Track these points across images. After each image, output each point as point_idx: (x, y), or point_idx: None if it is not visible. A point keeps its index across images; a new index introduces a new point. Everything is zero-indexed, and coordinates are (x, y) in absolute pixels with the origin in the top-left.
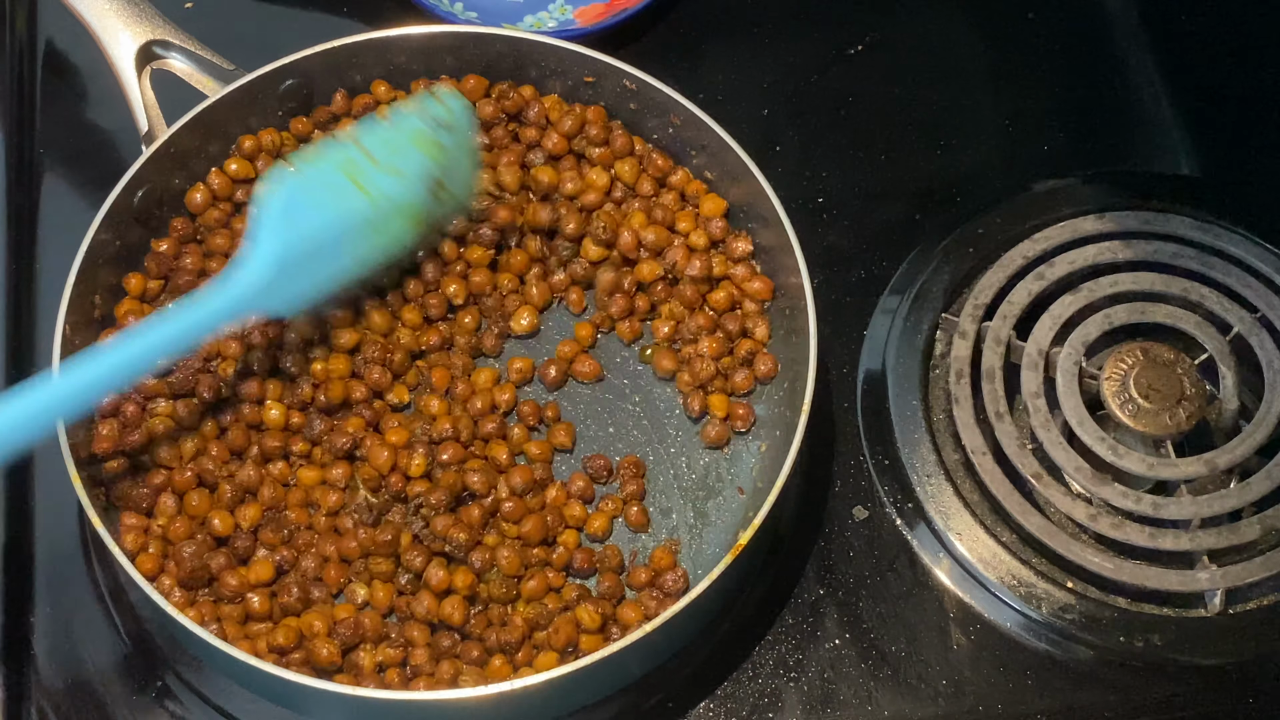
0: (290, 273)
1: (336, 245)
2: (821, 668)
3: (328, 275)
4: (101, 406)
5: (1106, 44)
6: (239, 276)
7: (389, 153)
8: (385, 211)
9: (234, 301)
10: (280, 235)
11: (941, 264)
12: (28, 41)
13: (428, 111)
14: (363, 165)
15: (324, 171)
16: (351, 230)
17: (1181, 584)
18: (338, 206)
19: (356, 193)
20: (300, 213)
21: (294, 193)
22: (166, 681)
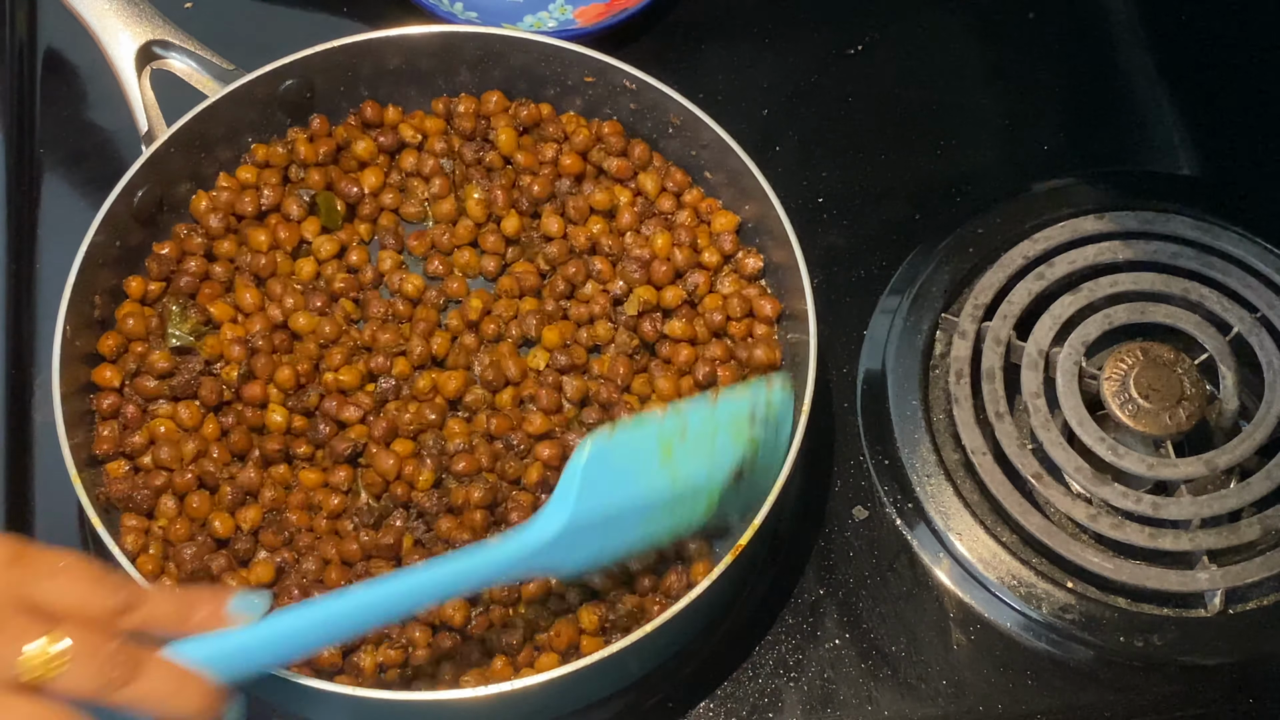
0: (579, 536)
1: (629, 517)
2: (821, 668)
3: (615, 545)
4: (102, 409)
5: (1106, 44)
6: (530, 532)
7: (705, 435)
8: (683, 492)
9: (518, 556)
10: (580, 497)
11: (941, 264)
12: (28, 41)
13: (753, 401)
14: (677, 442)
15: (639, 441)
16: (648, 505)
17: (1181, 584)
18: (642, 480)
19: (663, 470)
20: (604, 477)
21: (604, 455)
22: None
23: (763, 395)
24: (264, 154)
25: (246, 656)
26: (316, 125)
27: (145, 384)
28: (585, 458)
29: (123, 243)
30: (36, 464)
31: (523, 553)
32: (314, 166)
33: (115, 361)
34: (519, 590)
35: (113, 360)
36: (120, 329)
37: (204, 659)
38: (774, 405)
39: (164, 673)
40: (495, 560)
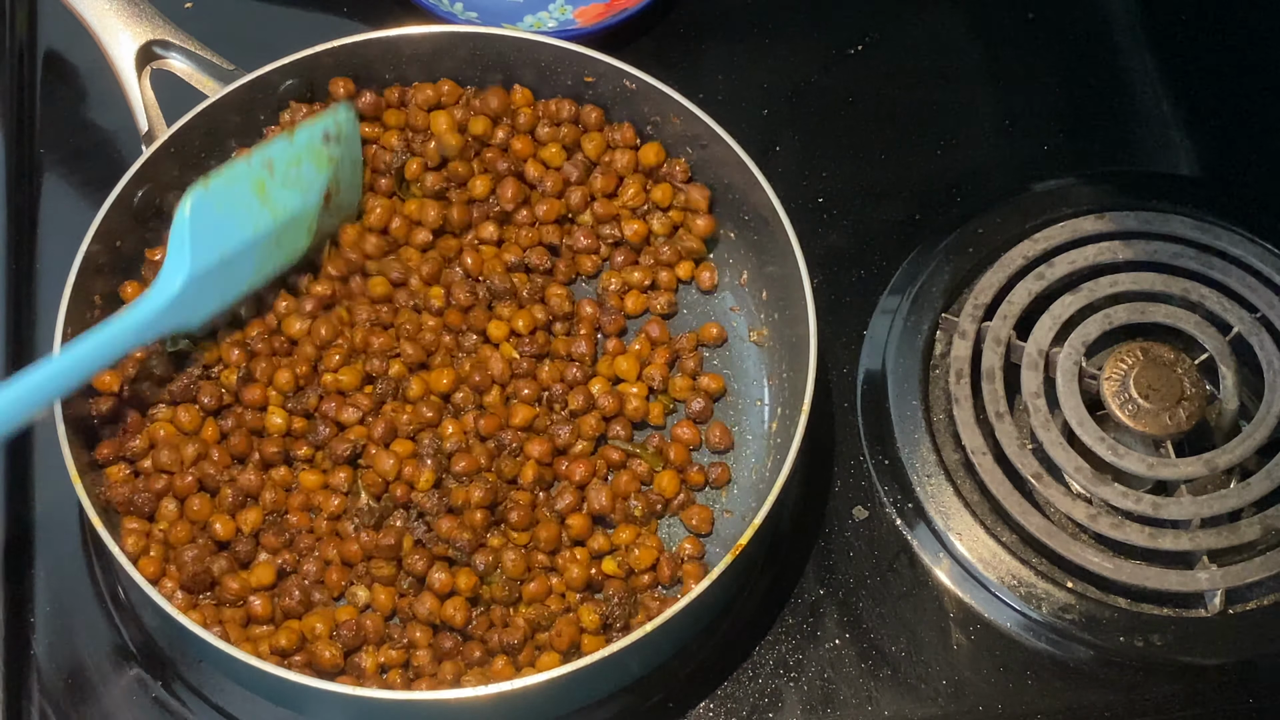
0: (200, 289)
1: (244, 259)
2: (821, 668)
3: (233, 287)
4: (102, 413)
5: (1106, 44)
6: (153, 297)
7: (290, 166)
8: (285, 224)
9: (145, 321)
10: (193, 254)
11: (941, 264)
12: (28, 41)
13: (324, 126)
14: (267, 178)
15: (233, 186)
16: (257, 244)
17: (1181, 584)
18: (245, 221)
19: (263, 209)
20: (211, 228)
21: (205, 208)
22: (167, 682)
23: (331, 118)
24: None
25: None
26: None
27: (144, 388)
28: (188, 212)
29: (123, 243)
30: (37, 465)
31: (152, 314)
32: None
33: (115, 365)
34: (520, 590)
35: (111, 365)
36: None
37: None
38: (343, 124)
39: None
40: (129, 326)
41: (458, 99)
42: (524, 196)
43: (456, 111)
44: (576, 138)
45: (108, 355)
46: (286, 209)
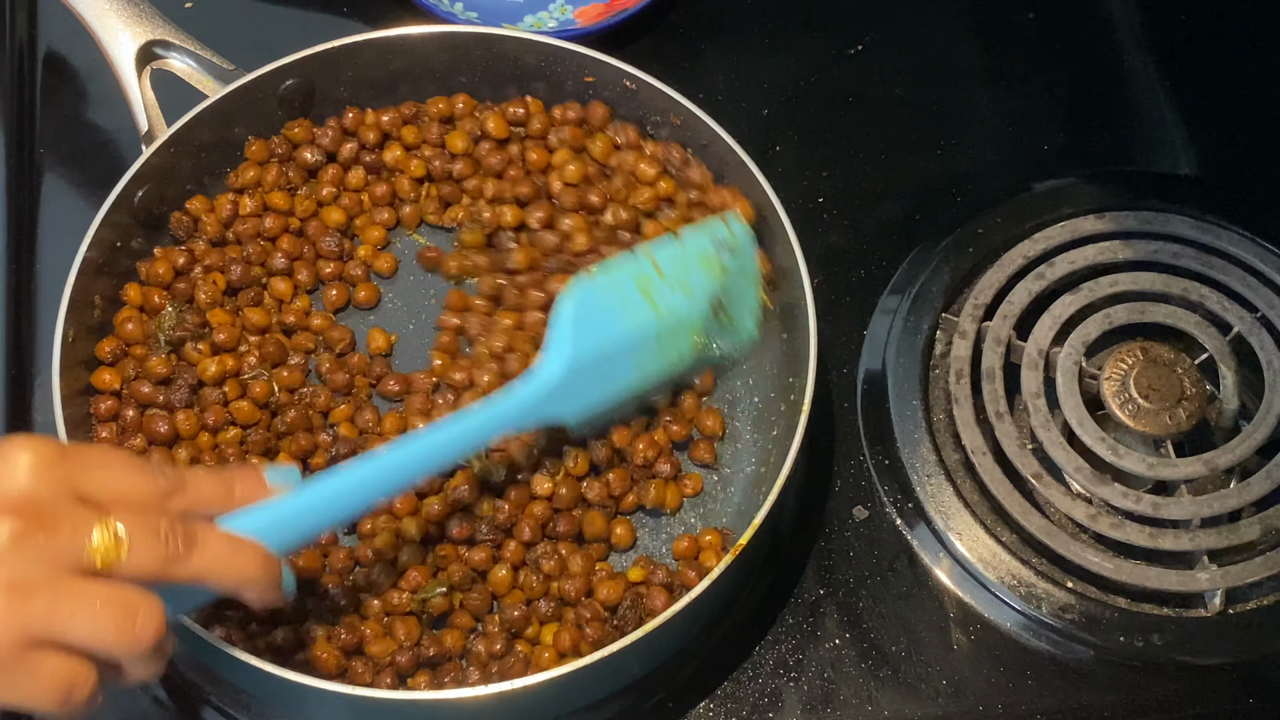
0: (579, 382)
1: (624, 357)
2: (821, 668)
3: (613, 387)
4: (100, 412)
5: (1106, 44)
6: (533, 382)
7: (677, 269)
8: (671, 327)
9: (523, 407)
10: (574, 342)
11: (941, 264)
12: (28, 41)
13: (715, 233)
14: (653, 279)
15: (618, 282)
16: (639, 343)
17: (1181, 584)
18: (629, 318)
19: (646, 306)
20: (594, 321)
21: (589, 299)
22: (166, 682)
23: (721, 227)
24: (260, 149)
25: (291, 523)
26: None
27: (142, 389)
28: (574, 302)
29: (123, 243)
30: None
31: (529, 402)
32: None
33: (114, 365)
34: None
35: (111, 364)
36: (119, 334)
37: (253, 529)
38: (735, 234)
39: (220, 542)
40: (504, 412)
41: (472, 110)
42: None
43: (467, 123)
44: (582, 141)
45: (479, 439)
46: (671, 311)
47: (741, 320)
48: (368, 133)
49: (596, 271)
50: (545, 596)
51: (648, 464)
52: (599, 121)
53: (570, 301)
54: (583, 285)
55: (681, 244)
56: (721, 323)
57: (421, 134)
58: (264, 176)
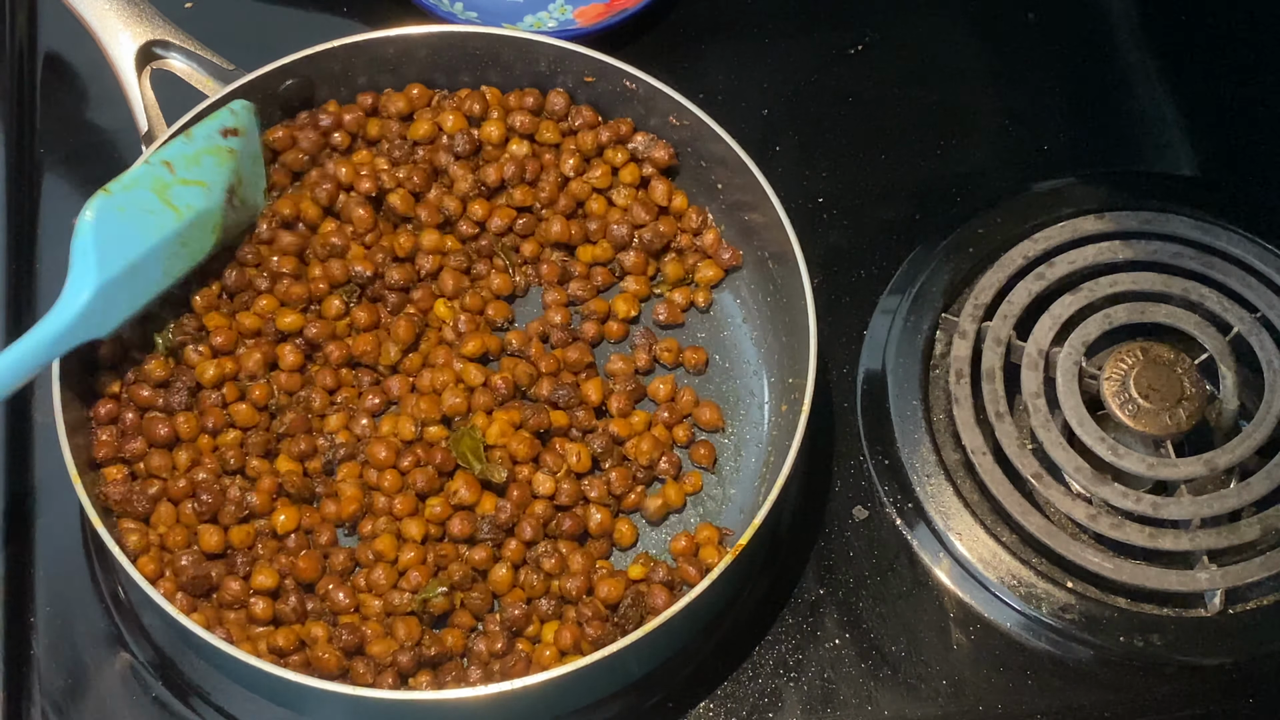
0: (110, 295)
1: (150, 262)
2: (821, 668)
3: (142, 293)
4: (99, 414)
5: (1106, 44)
6: (62, 313)
7: (189, 166)
8: (191, 223)
9: (58, 333)
10: (99, 266)
11: (941, 264)
12: (28, 41)
13: (221, 121)
14: (168, 179)
15: (134, 191)
16: (162, 246)
17: (1181, 584)
18: (150, 225)
19: (167, 211)
20: (116, 236)
21: (108, 216)
22: (167, 682)
23: (227, 113)
24: None
25: None
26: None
27: (141, 392)
28: (92, 222)
29: None
30: (37, 465)
31: (62, 328)
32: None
33: (114, 368)
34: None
35: (111, 367)
36: (119, 335)
37: None
38: (240, 117)
39: None
40: (38, 343)
41: (429, 101)
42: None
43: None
44: (534, 128)
45: (15, 376)
46: (191, 208)
47: (254, 197)
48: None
49: (111, 185)
50: (546, 595)
51: (651, 464)
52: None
53: (89, 223)
54: (100, 203)
55: (190, 140)
56: (236, 205)
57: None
58: None
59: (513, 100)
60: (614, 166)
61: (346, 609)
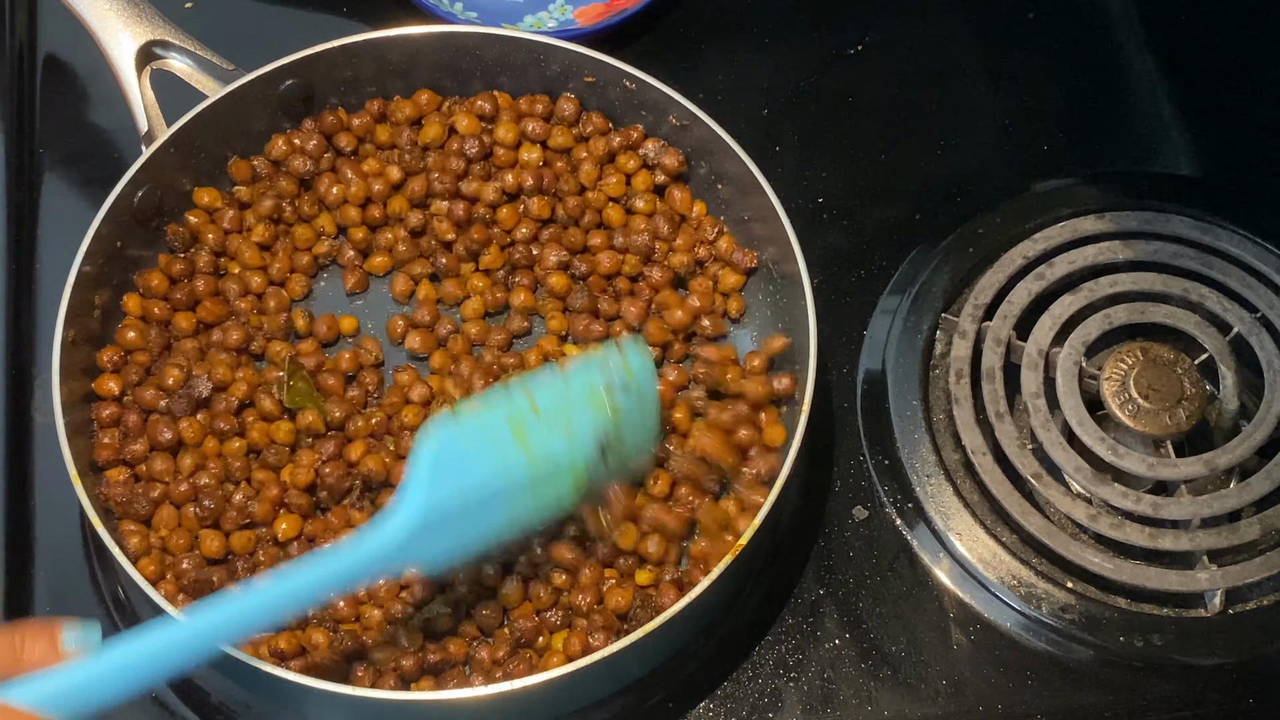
0: (438, 527)
1: (489, 503)
2: (821, 668)
3: (476, 533)
4: (101, 418)
5: (1106, 44)
6: (384, 529)
7: (559, 409)
8: (545, 471)
9: (375, 556)
10: (431, 487)
11: (941, 264)
12: (28, 42)
13: (606, 367)
14: (529, 420)
15: (487, 424)
16: (507, 489)
17: (1181, 584)
18: (496, 463)
19: (518, 450)
20: (455, 465)
21: (451, 443)
22: (168, 682)
23: (617, 360)
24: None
25: (85, 692)
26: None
27: (145, 394)
28: (433, 446)
29: (123, 243)
30: (37, 466)
31: (378, 552)
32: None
33: (116, 372)
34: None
35: (113, 371)
36: (120, 341)
37: (39, 700)
38: (632, 369)
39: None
40: (350, 563)
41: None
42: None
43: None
44: (547, 134)
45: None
46: (547, 454)
47: (635, 454)
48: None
49: (463, 410)
50: (555, 607)
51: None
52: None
53: (430, 444)
54: (446, 426)
55: (565, 380)
56: (609, 461)
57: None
58: (257, 204)
59: (524, 105)
60: (627, 174)
61: (347, 618)
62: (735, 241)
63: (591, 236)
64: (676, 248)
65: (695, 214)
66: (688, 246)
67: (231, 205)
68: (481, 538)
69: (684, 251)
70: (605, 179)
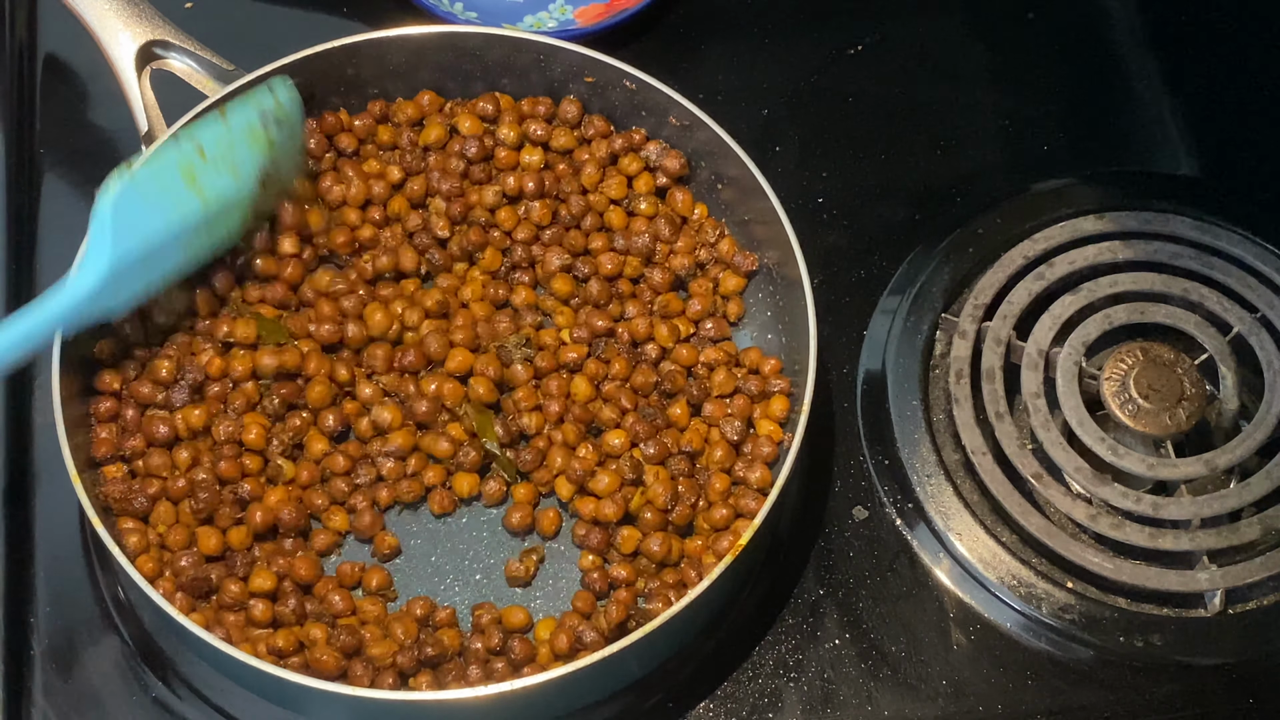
0: (123, 275)
1: (169, 245)
2: (821, 668)
3: (158, 275)
4: (100, 412)
5: (1106, 44)
6: (73, 285)
7: (223, 149)
8: (217, 210)
9: (68, 308)
10: (116, 241)
11: (941, 264)
12: (28, 42)
13: (261, 105)
14: (197, 163)
15: (160, 173)
16: (184, 230)
17: (1181, 584)
18: (172, 208)
19: (191, 194)
20: (136, 217)
21: (129, 196)
22: (166, 682)
23: (269, 99)
24: None
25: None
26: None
27: (141, 389)
28: (111, 201)
29: None
30: (37, 464)
31: (71, 304)
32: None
33: (114, 365)
34: None
35: (111, 365)
36: (118, 335)
37: None
38: (283, 104)
39: None
40: (46, 318)
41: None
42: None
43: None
44: (549, 136)
45: (18, 348)
46: (217, 194)
47: (287, 180)
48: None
49: (136, 166)
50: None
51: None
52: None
53: (108, 200)
54: (121, 181)
55: (226, 122)
56: (269, 189)
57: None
58: None
59: (526, 107)
60: (629, 176)
61: (344, 612)
62: (736, 244)
63: (593, 239)
64: (678, 250)
65: (696, 216)
66: (689, 249)
67: None
68: (162, 275)
69: (685, 254)
70: (607, 181)
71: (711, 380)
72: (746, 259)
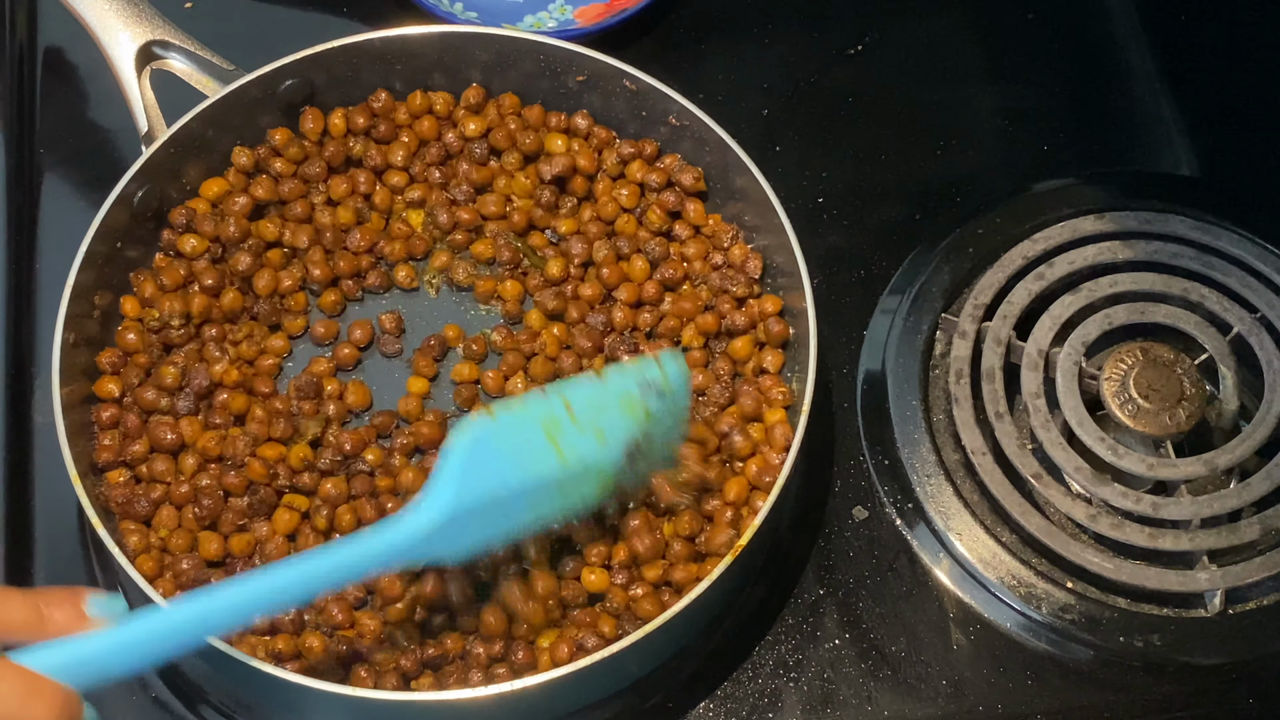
0: (462, 522)
1: (516, 501)
2: (821, 668)
3: (499, 531)
4: (102, 419)
5: (1106, 44)
6: (408, 520)
7: (593, 413)
8: (576, 474)
9: (397, 546)
10: (460, 484)
11: (941, 264)
12: (28, 42)
13: (644, 374)
14: (564, 421)
15: (522, 423)
16: (536, 488)
17: (1181, 584)
18: (527, 463)
19: (550, 451)
20: (486, 463)
21: (485, 441)
22: (167, 682)
23: (654, 369)
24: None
25: (104, 662)
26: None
27: (145, 395)
28: (466, 442)
29: (123, 243)
30: (37, 466)
31: (403, 543)
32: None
33: (116, 373)
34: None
35: (113, 373)
36: (120, 344)
37: (59, 666)
38: (669, 375)
39: (13, 680)
40: (373, 551)
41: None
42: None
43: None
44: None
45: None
46: (578, 456)
47: (660, 460)
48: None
49: (498, 409)
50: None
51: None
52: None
53: (463, 442)
54: (479, 425)
55: (602, 384)
56: (637, 466)
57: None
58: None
59: (534, 116)
60: (640, 184)
61: (343, 625)
62: (747, 249)
63: (599, 248)
64: (689, 256)
65: (710, 225)
66: (700, 254)
67: (239, 192)
68: (505, 534)
69: (697, 259)
70: (618, 190)
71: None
72: (754, 262)
